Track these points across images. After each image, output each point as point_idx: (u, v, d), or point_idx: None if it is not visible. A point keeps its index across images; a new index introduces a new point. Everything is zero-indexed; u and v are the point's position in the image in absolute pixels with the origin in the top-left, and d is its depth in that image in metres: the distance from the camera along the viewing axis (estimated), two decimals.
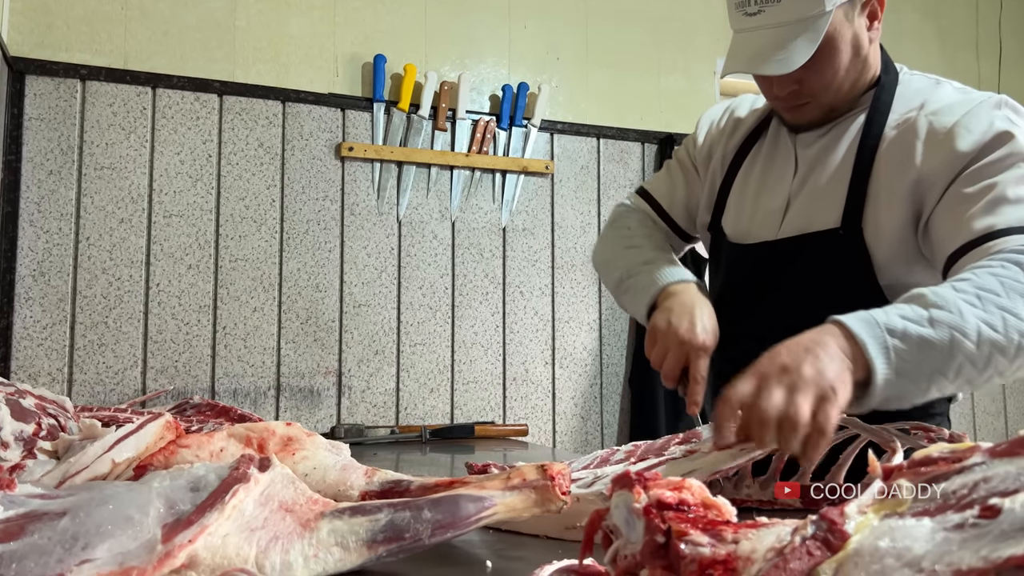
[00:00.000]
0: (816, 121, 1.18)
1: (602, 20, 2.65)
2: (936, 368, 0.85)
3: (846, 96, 1.15)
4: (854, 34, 1.09)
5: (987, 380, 0.90)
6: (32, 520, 0.55)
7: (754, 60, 1.09)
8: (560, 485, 0.64)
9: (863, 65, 1.13)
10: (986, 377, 0.89)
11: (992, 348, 0.86)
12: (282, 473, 0.63)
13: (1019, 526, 0.32)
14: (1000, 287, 0.88)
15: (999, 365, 0.87)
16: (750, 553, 0.39)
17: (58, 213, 2.03)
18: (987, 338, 0.85)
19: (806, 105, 1.15)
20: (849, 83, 1.13)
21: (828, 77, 1.10)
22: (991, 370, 0.88)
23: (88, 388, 2.02)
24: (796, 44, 1.05)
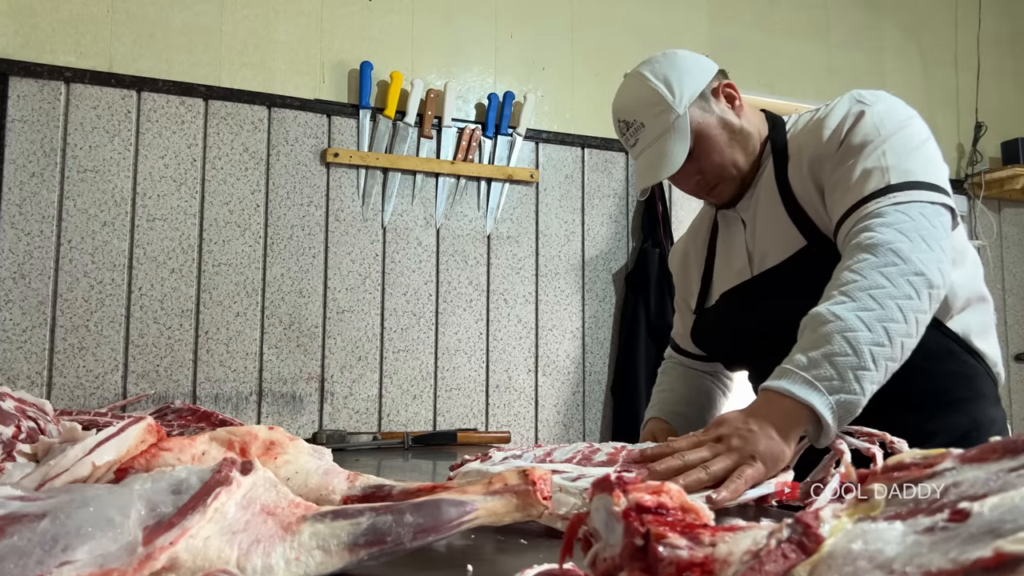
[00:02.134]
0: (735, 194, 1.32)
1: (588, 31, 2.67)
2: (866, 378, 0.94)
3: (746, 163, 1.29)
4: (719, 118, 1.26)
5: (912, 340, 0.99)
6: (11, 522, 0.54)
7: (648, 173, 1.27)
8: (541, 490, 0.65)
9: (744, 136, 1.28)
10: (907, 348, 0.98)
11: (898, 335, 0.96)
12: (264, 476, 0.63)
13: (986, 529, 0.33)
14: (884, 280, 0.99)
15: (906, 335, 0.97)
16: (727, 556, 0.39)
17: (40, 215, 2.02)
18: (894, 333, 0.96)
19: (717, 186, 1.30)
20: (740, 153, 1.28)
21: (717, 158, 1.26)
22: (905, 344, 0.98)
23: (68, 392, 2.00)
24: (672, 149, 1.23)
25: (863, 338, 0.94)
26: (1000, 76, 3.28)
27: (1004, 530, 0.32)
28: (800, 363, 0.94)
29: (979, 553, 0.31)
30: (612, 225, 2.63)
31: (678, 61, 1.28)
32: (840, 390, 0.92)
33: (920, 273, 0.98)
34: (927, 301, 0.99)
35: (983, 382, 1.21)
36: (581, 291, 2.57)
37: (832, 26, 3.02)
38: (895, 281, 0.97)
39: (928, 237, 1.01)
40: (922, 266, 0.99)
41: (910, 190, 1.06)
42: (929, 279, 0.98)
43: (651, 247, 2.58)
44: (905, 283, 0.97)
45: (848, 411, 0.93)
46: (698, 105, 1.25)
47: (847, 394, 0.92)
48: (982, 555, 0.30)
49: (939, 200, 1.06)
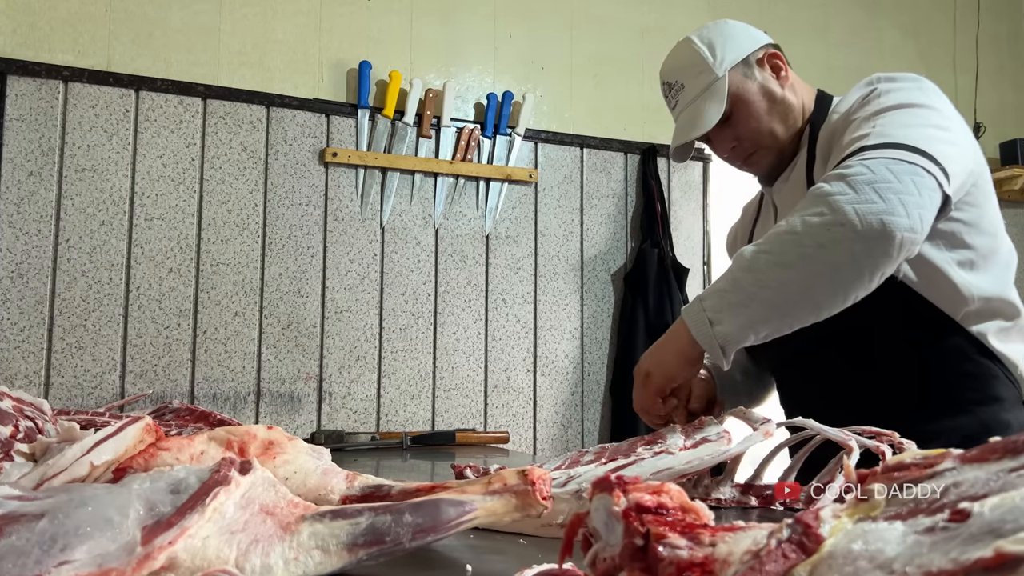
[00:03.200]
0: (774, 166, 1.32)
1: (587, 31, 2.67)
2: (739, 303, 1.00)
3: (785, 137, 1.29)
4: (760, 85, 1.27)
5: (813, 289, 0.99)
6: (9, 521, 0.54)
7: (681, 132, 1.30)
8: (540, 490, 0.65)
9: (785, 107, 1.28)
10: (803, 288, 0.99)
11: (775, 267, 0.99)
12: (263, 476, 0.63)
13: (987, 529, 0.33)
14: (786, 222, 1.01)
15: (797, 276, 0.98)
16: (727, 556, 0.39)
17: (38, 215, 2.02)
18: (762, 260, 1.00)
19: (754, 155, 1.30)
20: (780, 124, 1.28)
21: (753, 125, 1.27)
22: (797, 282, 0.99)
23: (65, 391, 2.00)
24: (707, 109, 1.25)
25: (744, 279, 1.00)
26: (999, 77, 3.28)
27: (1005, 530, 0.32)
28: (706, 291, 1.06)
29: (979, 553, 0.31)
30: (611, 225, 2.63)
31: (726, 28, 1.31)
32: (724, 310, 1.01)
33: (842, 224, 0.96)
34: (842, 251, 0.96)
35: (999, 385, 1.17)
36: (580, 291, 2.57)
37: (831, 26, 3.03)
38: (813, 232, 0.97)
39: (884, 189, 0.96)
40: (853, 215, 0.95)
41: (883, 148, 1.02)
42: (855, 228, 0.95)
43: (650, 247, 2.58)
44: (823, 233, 0.97)
45: (747, 331, 1.01)
46: (739, 70, 1.26)
47: (734, 313, 1.01)
48: (983, 555, 0.30)
49: (915, 162, 0.99)
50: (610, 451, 0.98)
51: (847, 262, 0.97)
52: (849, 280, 0.98)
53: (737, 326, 1.00)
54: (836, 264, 0.97)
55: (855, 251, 0.96)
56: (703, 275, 2.74)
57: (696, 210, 2.76)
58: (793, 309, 1.00)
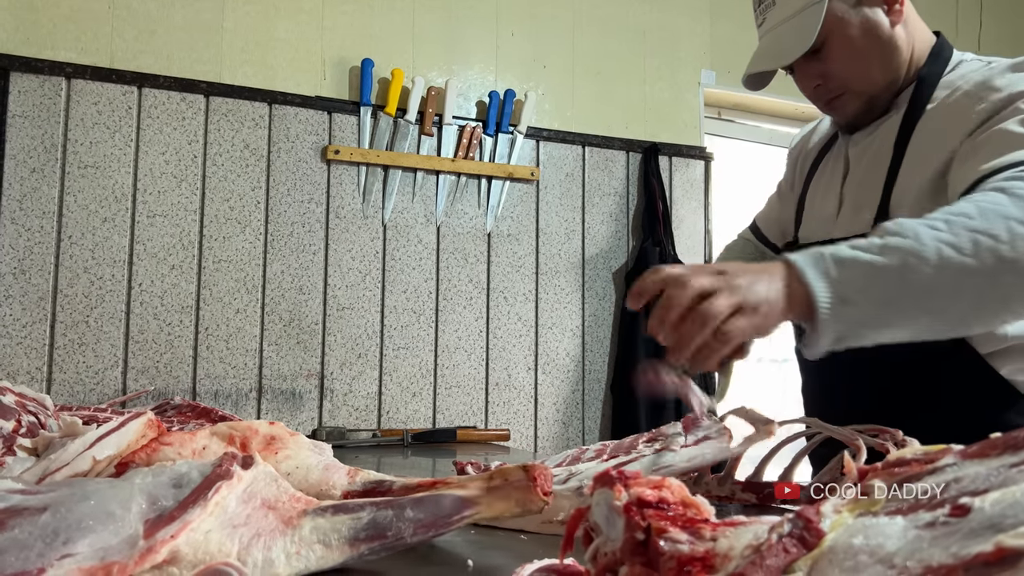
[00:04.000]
0: (860, 115, 1.15)
1: (589, 29, 2.67)
2: (888, 297, 0.78)
3: (883, 85, 1.12)
4: (864, 18, 1.08)
5: (984, 311, 0.81)
6: (12, 515, 0.54)
7: (760, 58, 1.14)
8: (542, 486, 0.65)
9: (889, 50, 1.09)
10: (974, 306, 0.80)
11: (960, 273, 0.78)
12: (265, 471, 0.63)
13: (988, 524, 0.33)
14: (975, 210, 0.81)
15: (980, 290, 0.79)
16: (728, 550, 0.39)
17: (40, 211, 2.02)
18: (950, 260, 0.78)
19: (840, 97, 1.13)
20: (878, 69, 1.10)
21: (846, 64, 1.09)
22: (973, 297, 0.79)
23: (68, 387, 2.01)
24: (795, 36, 1.07)
25: (923, 274, 0.78)
26: None
27: (1005, 525, 0.32)
28: (838, 255, 0.80)
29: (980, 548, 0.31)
30: (612, 224, 2.63)
31: None
32: (854, 303, 0.78)
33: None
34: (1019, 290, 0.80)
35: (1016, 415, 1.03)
36: (581, 289, 2.57)
37: None
38: (1015, 242, 0.78)
39: None
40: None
41: None
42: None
43: (651, 246, 2.58)
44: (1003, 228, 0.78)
45: (854, 333, 0.80)
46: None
47: (860, 311, 0.78)
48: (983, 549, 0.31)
49: None
50: (611, 448, 0.98)
51: (1020, 300, 0.81)
52: (1013, 311, 0.83)
53: (873, 320, 0.79)
54: (1008, 297, 0.80)
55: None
56: None
57: (698, 208, 2.76)
58: (946, 323, 0.82)
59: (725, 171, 2.90)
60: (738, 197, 2.89)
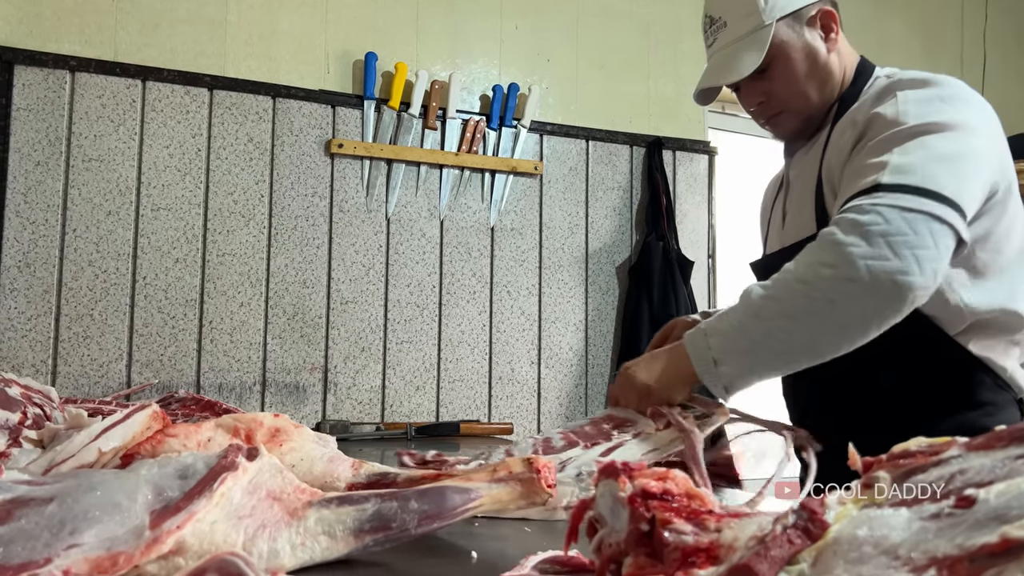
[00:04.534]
0: (797, 132, 1.27)
1: (593, 23, 2.67)
2: (742, 349, 0.99)
3: (817, 104, 1.23)
4: (805, 44, 1.20)
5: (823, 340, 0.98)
6: (19, 505, 0.55)
7: (711, 74, 1.25)
8: (546, 478, 0.65)
9: (825, 73, 1.21)
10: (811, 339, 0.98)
11: (780, 317, 0.98)
12: (270, 462, 0.63)
13: (993, 515, 0.33)
14: (793, 263, 1.00)
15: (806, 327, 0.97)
16: (732, 541, 0.39)
17: (45, 204, 2.02)
18: (772, 311, 0.98)
19: (780, 115, 1.25)
20: (815, 91, 1.21)
21: (788, 84, 1.20)
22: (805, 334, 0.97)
23: (72, 380, 2.01)
24: (744, 56, 1.19)
25: (751, 326, 0.99)
26: (1005, 72, 3.27)
27: (1010, 516, 0.32)
28: (711, 326, 1.03)
29: (985, 539, 0.31)
30: (616, 218, 2.63)
31: None
32: (730, 354, 1.00)
33: (853, 280, 0.94)
34: (853, 308, 0.95)
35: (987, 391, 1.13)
36: (584, 284, 2.57)
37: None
38: (822, 285, 0.96)
39: (898, 244, 0.93)
40: (865, 273, 0.93)
41: (900, 193, 0.97)
42: (866, 286, 0.93)
43: (655, 240, 2.58)
44: (832, 288, 0.95)
45: (746, 374, 1.00)
46: (788, 23, 1.20)
47: (737, 360, 1.00)
48: (988, 540, 0.31)
49: (933, 211, 0.95)
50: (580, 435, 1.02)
51: (856, 319, 0.96)
52: (856, 334, 0.97)
53: (741, 370, 1.00)
54: (845, 320, 0.96)
55: (865, 309, 0.95)
56: (708, 268, 2.74)
57: (701, 203, 2.75)
58: (797, 357, 1.00)
59: (729, 165, 2.90)
60: (741, 191, 2.89)
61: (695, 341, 1.03)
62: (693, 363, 1.02)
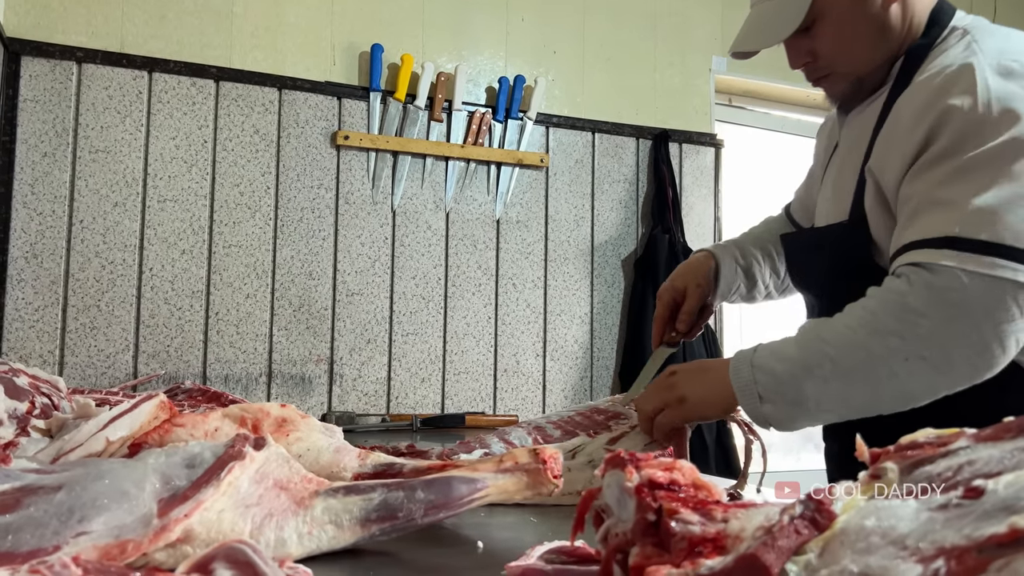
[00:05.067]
0: (850, 95, 1.11)
1: (599, 15, 2.66)
2: (793, 399, 0.92)
3: (870, 65, 1.06)
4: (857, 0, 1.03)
5: (880, 405, 0.91)
6: (28, 493, 0.55)
7: (745, 36, 1.11)
8: (552, 469, 0.65)
9: (881, 29, 1.04)
10: (869, 403, 0.91)
11: (842, 381, 0.90)
12: (277, 452, 0.63)
13: (1001, 506, 0.33)
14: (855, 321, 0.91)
15: (865, 392, 0.90)
16: (739, 531, 0.39)
17: (52, 195, 2.03)
18: (832, 372, 0.90)
19: (828, 77, 1.10)
20: (866, 50, 1.05)
21: (835, 44, 1.05)
22: (864, 398, 0.91)
23: (79, 371, 2.02)
24: (782, 15, 1.04)
25: (805, 383, 0.92)
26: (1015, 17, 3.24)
27: (1019, 507, 0.32)
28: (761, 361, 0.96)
29: (993, 529, 0.31)
30: (622, 211, 2.62)
31: None
32: (773, 402, 0.94)
33: (924, 359, 0.86)
34: (921, 383, 0.88)
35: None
36: (590, 276, 2.56)
37: None
38: (887, 357, 0.88)
39: (981, 319, 0.84)
40: (938, 353, 0.86)
41: (978, 253, 0.85)
42: (934, 364, 0.86)
43: (661, 233, 2.58)
44: (898, 362, 0.87)
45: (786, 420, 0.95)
46: None
47: (781, 409, 0.94)
48: (996, 531, 0.31)
49: (1010, 276, 0.84)
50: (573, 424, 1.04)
51: (923, 391, 0.89)
52: (921, 400, 0.90)
53: (788, 416, 0.94)
54: (910, 392, 0.89)
55: (936, 385, 0.88)
56: None
57: (707, 196, 2.74)
58: (849, 415, 0.95)
59: (735, 158, 2.89)
60: (748, 184, 2.88)
61: (739, 371, 0.96)
62: (737, 395, 0.96)
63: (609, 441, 0.91)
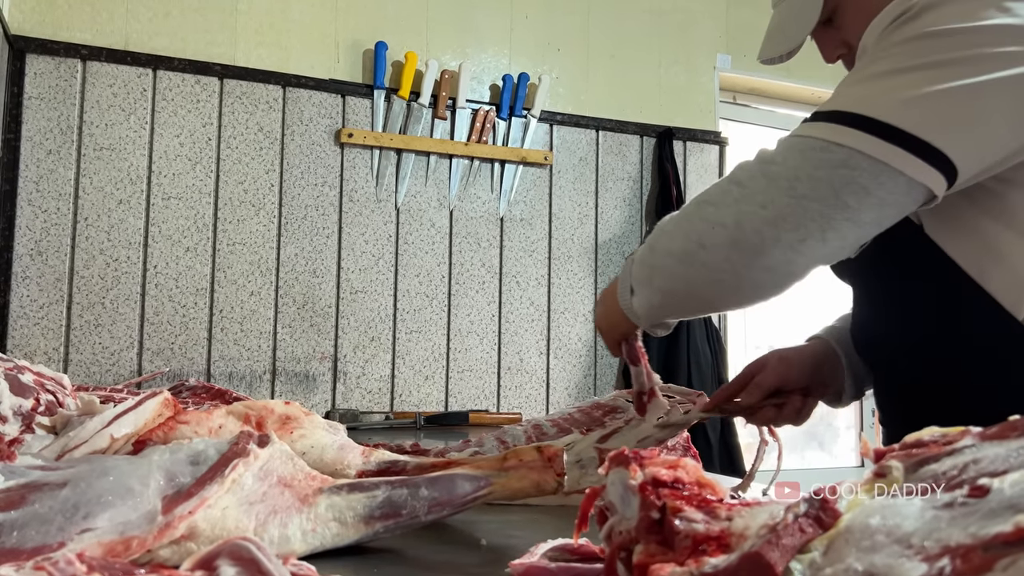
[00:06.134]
0: None
1: (603, 12, 2.65)
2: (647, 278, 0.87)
3: None
4: None
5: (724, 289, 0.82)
6: (33, 490, 0.55)
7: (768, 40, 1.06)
8: (556, 466, 0.65)
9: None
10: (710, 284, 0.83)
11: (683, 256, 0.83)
12: (281, 449, 0.63)
13: (1007, 505, 0.32)
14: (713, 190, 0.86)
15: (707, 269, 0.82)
16: (743, 530, 0.39)
17: (56, 193, 2.03)
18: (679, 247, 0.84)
19: None
20: None
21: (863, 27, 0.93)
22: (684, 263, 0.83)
23: (84, 368, 2.02)
24: (800, 11, 0.99)
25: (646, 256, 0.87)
26: None
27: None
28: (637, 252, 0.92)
29: (999, 528, 0.31)
30: (626, 208, 2.62)
31: None
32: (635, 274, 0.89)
33: (723, 224, 0.79)
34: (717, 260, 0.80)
35: None
36: (594, 274, 2.56)
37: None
38: (695, 222, 0.83)
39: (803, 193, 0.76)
40: (732, 217, 0.79)
41: (820, 121, 0.79)
42: (731, 234, 0.79)
43: None
44: (703, 227, 0.81)
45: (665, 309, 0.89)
46: None
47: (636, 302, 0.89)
48: (1002, 530, 0.30)
49: (855, 145, 0.74)
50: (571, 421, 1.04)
51: (726, 273, 0.81)
52: (729, 292, 0.83)
53: (649, 301, 0.87)
54: (715, 272, 0.81)
55: (733, 263, 0.80)
56: None
57: None
58: (684, 302, 0.87)
59: (740, 156, 2.88)
60: None
61: (624, 267, 0.92)
62: (618, 293, 0.91)
63: (600, 439, 0.91)
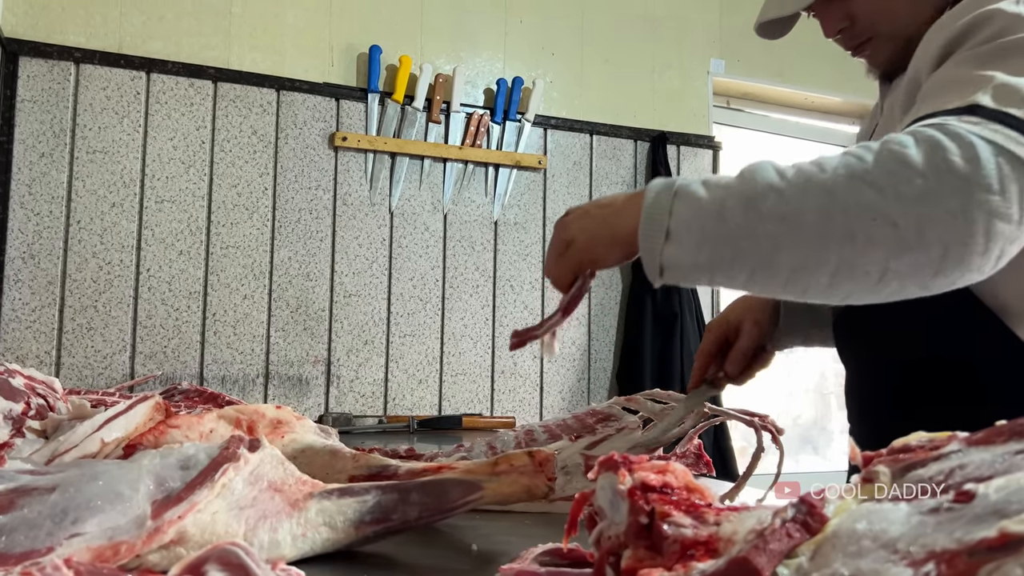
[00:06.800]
0: (894, 60, 0.98)
1: (598, 17, 2.66)
2: (706, 238, 0.70)
3: (915, 21, 0.93)
4: None
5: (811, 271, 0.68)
6: (22, 495, 0.55)
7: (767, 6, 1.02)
8: (547, 471, 0.65)
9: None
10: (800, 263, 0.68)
11: (781, 222, 0.68)
12: (271, 454, 0.63)
13: (992, 510, 0.33)
14: (831, 162, 0.70)
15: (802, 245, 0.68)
16: (731, 534, 0.39)
17: (49, 196, 2.03)
18: (774, 208, 0.68)
19: (869, 42, 0.99)
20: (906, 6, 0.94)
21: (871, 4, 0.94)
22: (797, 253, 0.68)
23: (76, 372, 2.02)
24: None
25: (736, 213, 0.69)
26: None
27: (1009, 511, 0.32)
28: (687, 188, 0.72)
29: (984, 533, 0.31)
30: None
31: None
32: (678, 219, 0.71)
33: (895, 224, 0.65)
34: (871, 258, 0.66)
35: None
36: None
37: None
38: (853, 209, 0.66)
39: (980, 200, 0.64)
40: (911, 220, 0.65)
41: (1006, 127, 0.67)
42: (902, 237, 0.65)
43: None
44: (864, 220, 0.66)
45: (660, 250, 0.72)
46: None
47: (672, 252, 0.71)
48: (987, 535, 0.31)
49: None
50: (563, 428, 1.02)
51: (874, 269, 0.67)
52: (862, 288, 0.69)
53: (692, 260, 0.71)
54: (860, 265, 0.67)
55: (889, 265, 0.66)
56: None
57: None
58: (771, 279, 0.70)
59: (733, 161, 2.89)
60: None
61: (658, 199, 0.72)
62: (641, 224, 0.72)
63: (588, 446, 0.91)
